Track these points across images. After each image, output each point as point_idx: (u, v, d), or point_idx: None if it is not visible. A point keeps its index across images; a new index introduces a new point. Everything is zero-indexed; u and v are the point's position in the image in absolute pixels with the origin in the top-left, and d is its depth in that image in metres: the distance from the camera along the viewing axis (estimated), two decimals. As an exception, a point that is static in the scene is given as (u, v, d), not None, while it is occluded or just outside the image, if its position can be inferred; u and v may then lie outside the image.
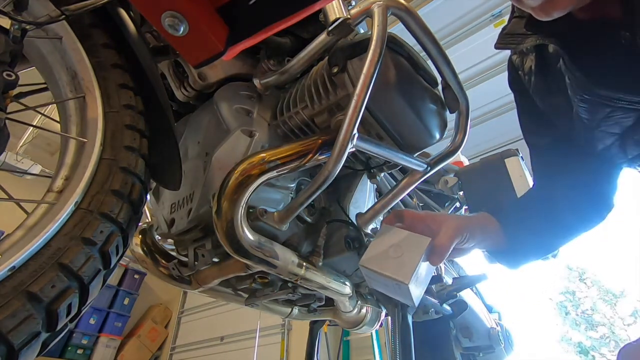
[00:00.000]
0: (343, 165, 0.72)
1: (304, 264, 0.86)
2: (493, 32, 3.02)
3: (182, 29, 0.48)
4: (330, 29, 0.72)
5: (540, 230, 0.83)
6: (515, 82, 0.88)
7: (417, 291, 0.70)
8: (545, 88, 0.79)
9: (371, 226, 1.00)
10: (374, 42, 0.72)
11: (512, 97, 0.92)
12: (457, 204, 1.73)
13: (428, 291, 1.30)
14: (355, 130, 0.71)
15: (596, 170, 0.82)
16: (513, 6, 0.75)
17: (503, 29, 0.78)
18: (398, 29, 0.84)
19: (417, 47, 0.87)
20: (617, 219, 0.86)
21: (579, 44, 0.66)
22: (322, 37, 0.83)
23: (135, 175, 0.64)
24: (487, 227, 0.80)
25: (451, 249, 0.72)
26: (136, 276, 5.04)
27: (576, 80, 0.68)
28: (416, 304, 0.71)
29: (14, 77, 0.54)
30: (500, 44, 0.78)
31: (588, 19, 0.66)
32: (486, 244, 0.81)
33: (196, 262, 0.94)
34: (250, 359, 3.96)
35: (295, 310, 1.24)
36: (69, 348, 4.28)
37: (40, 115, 1.41)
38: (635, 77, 0.62)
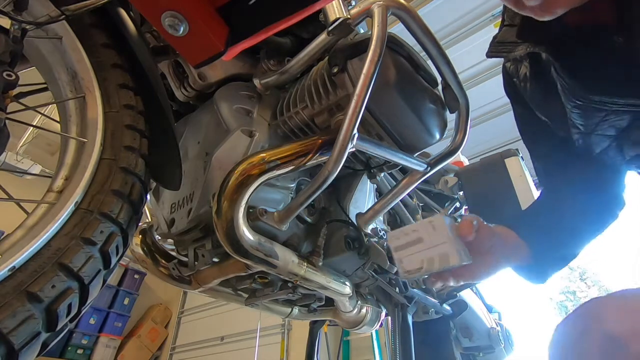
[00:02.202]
0: (343, 165, 0.72)
1: (304, 264, 0.86)
2: (493, 32, 2.97)
3: (182, 29, 0.48)
4: (330, 29, 0.72)
5: (562, 241, 0.82)
6: (510, 89, 0.87)
7: (457, 245, 0.64)
8: (542, 94, 0.78)
9: (371, 226, 1.00)
10: (374, 42, 0.72)
11: (511, 98, 0.92)
12: (457, 204, 1.73)
13: (428, 291, 1.30)
14: (355, 130, 0.71)
15: (600, 173, 0.82)
16: (503, 15, 0.75)
17: (494, 37, 0.78)
18: (398, 29, 0.84)
19: (417, 47, 0.87)
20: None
21: (570, 50, 0.66)
22: (322, 37, 0.83)
23: (135, 175, 0.64)
24: (507, 239, 0.78)
25: (474, 223, 0.69)
26: (136, 276, 5.03)
27: (568, 87, 0.68)
28: (467, 260, 0.64)
29: (14, 77, 0.54)
30: (491, 53, 0.77)
31: (578, 24, 0.66)
32: (511, 260, 0.79)
33: (196, 262, 0.94)
34: (250, 359, 3.96)
35: (295, 310, 1.24)
36: (69, 348, 4.28)
37: (40, 115, 1.41)
38: (628, 79, 0.62)
